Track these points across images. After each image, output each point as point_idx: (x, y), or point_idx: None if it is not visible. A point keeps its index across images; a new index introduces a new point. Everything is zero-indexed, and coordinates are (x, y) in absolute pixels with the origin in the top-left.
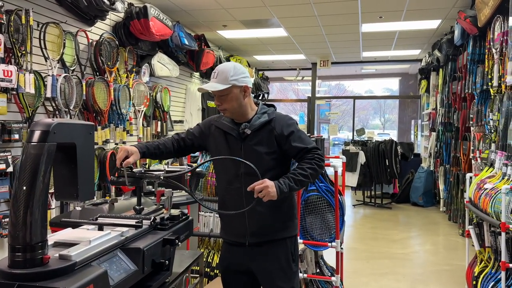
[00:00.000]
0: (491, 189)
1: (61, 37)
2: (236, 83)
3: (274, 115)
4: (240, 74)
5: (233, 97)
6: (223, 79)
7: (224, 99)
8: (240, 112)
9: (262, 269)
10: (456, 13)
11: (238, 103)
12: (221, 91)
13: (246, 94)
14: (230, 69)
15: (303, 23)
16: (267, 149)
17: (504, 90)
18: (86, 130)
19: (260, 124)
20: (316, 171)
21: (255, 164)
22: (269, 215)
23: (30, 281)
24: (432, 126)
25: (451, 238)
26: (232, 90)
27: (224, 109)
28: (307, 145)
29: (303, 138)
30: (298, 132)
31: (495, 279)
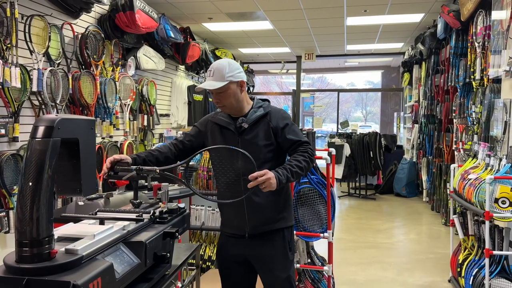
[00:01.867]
0: (475, 179)
1: (46, 30)
2: (233, 79)
3: (270, 109)
4: (235, 70)
5: (231, 93)
6: (219, 77)
7: (222, 96)
8: (238, 107)
9: (260, 258)
10: (439, 7)
11: (236, 99)
12: (219, 88)
13: (242, 88)
14: (225, 66)
15: (289, 16)
16: (265, 141)
17: (486, 83)
18: (88, 126)
19: (256, 117)
20: (309, 164)
21: (253, 156)
22: (268, 207)
23: (39, 275)
24: (414, 118)
25: (434, 227)
26: (230, 87)
27: (223, 106)
28: (300, 138)
29: (297, 132)
30: (292, 126)
31: (479, 266)
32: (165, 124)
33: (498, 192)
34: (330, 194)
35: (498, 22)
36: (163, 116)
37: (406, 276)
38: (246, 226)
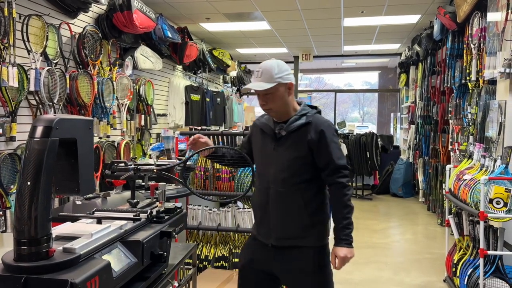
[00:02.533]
0: (470, 180)
1: (44, 29)
2: (282, 80)
3: (313, 119)
4: (284, 71)
5: (278, 95)
6: (268, 78)
7: (269, 98)
8: (283, 111)
9: (284, 273)
10: (435, 8)
11: (283, 102)
12: (266, 90)
13: (290, 91)
14: (274, 66)
15: (286, 16)
16: (298, 153)
17: (482, 84)
18: (86, 125)
19: (296, 126)
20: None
21: (284, 167)
22: (291, 222)
23: (37, 274)
24: (411, 119)
25: (430, 228)
26: (278, 89)
27: (269, 109)
28: (335, 160)
29: (333, 152)
30: (332, 143)
31: (474, 266)
32: (163, 124)
33: (493, 193)
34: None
35: (494, 24)
36: (160, 116)
37: (402, 276)
38: (271, 236)
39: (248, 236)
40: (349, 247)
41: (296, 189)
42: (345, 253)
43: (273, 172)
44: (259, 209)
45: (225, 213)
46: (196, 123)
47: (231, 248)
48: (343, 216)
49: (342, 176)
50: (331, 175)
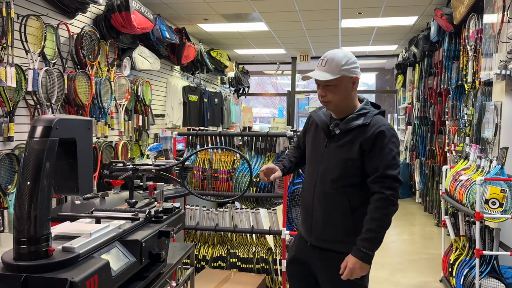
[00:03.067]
0: (466, 180)
1: (42, 29)
2: (347, 73)
3: (371, 120)
4: (352, 64)
5: (341, 89)
6: (333, 68)
7: (330, 90)
8: (343, 107)
9: (320, 274)
10: (432, 10)
11: (344, 96)
12: (329, 81)
13: (354, 86)
14: (342, 57)
15: (284, 18)
16: (349, 154)
17: (478, 85)
18: (85, 126)
19: (352, 126)
20: (382, 220)
21: (334, 167)
22: (332, 225)
23: (37, 272)
24: (408, 120)
25: (427, 228)
26: (342, 81)
27: (328, 102)
28: (384, 167)
29: (386, 157)
30: (386, 148)
31: (470, 266)
32: (160, 124)
33: (489, 193)
34: None
35: (490, 25)
36: (158, 116)
37: (399, 276)
38: (311, 235)
39: (245, 237)
40: (362, 261)
41: (343, 192)
42: (354, 264)
43: (322, 170)
44: (304, 206)
45: (223, 213)
46: (194, 123)
47: (228, 248)
48: (372, 228)
49: (387, 188)
50: (375, 182)
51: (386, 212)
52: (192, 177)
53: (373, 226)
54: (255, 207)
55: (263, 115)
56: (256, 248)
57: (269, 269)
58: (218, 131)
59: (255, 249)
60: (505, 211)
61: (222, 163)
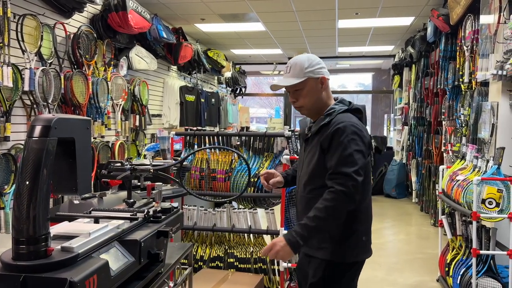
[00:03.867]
0: (463, 180)
1: (39, 29)
2: (312, 75)
3: (333, 118)
4: (316, 65)
5: (309, 91)
6: (297, 72)
7: (299, 95)
8: (316, 109)
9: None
10: (429, 10)
11: (315, 98)
12: (295, 86)
13: (323, 87)
14: (304, 61)
15: (281, 18)
16: (314, 156)
17: (475, 86)
18: (84, 125)
19: (318, 127)
20: (336, 210)
21: (305, 170)
22: None
23: (36, 272)
24: (404, 120)
25: (423, 228)
26: (308, 84)
27: (301, 106)
28: (337, 164)
29: (342, 153)
30: (341, 145)
31: (466, 265)
32: (157, 124)
33: (485, 193)
34: None
35: (486, 26)
36: (155, 116)
37: (396, 275)
38: None
39: (243, 237)
40: (286, 243)
41: (314, 196)
42: (278, 241)
43: (300, 175)
44: (296, 212)
45: (221, 213)
46: (191, 123)
47: (226, 248)
48: (309, 216)
49: (338, 184)
50: (329, 179)
51: (329, 204)
52: (189, 177)
53: (311, 214)
54: (253, 207)
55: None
56: (253, 248)
57: (266, 269)
58: (215, 131)
59: (252, 249)
60: (501, 210)
61: (220, 163)
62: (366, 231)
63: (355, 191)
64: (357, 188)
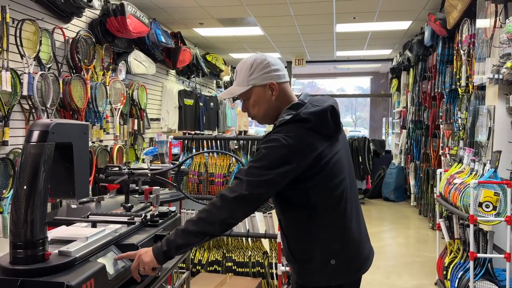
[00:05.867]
0: (460, 183)
1: (37, 34)
2: (257, 81)
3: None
4: (262, 70)
5: (256, 100)
6: (241, 80)
7: (248, 105)
8: (272, 117)
9: None
10: (426, 15)
11: (265, 107)
12: (242, 95)
13: (274, 93)
14: (249, 65)
15: (280, 22)
16: None
17: (472, 89)
18: (81, 130)
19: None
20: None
21: None
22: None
23: (33, 276)
24: (402, 124)
25: (422, 231)
26: (254, 92)
27: (253, 116)
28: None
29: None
30: (260, 152)
31: (464, 269)
32: (156, 128)
33: (482, 196)
34: None
35: (483, 30)
36: (153, 120)
37: (394, 279)
38: None
39: (241, 240)
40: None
41: (277, 214)
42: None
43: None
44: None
45: None
46: (190, 127)
47: (224, 252)
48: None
49: (229, 187)
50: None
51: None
52: (187, 181)
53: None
54: None
55: None
56: (251, 252)
57: (264, 273)
58: (213, 135)
59: (250, 253)
60: (498, 214)
61: (218, 167)
62: (336, 253)
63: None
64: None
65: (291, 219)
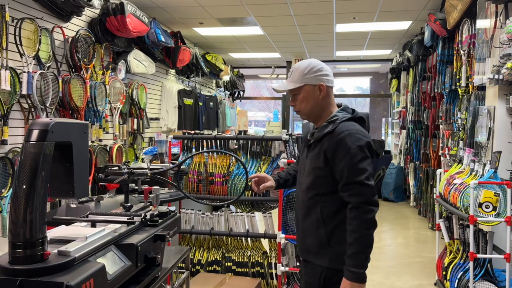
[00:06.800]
0: (460, 184)
1: (37, 33)
2: (310, 81)
3: (336, 126)
4: (316, 72)
5: (306, 97)
6: (296, 78)
7: (297, 99)
8: (316, 115)
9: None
10: (426, 15)
11: (312, 104)
12: (293, 91)
13: (322, 94)
14: (306, 66)
15: (279, 22)
16: (316, 163)
17: (472, 90)
18: (81, 129)
19: (321, 135)
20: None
21: (307, 175)
22: (310, 236)
23: (32, 276)
24: (402, 124)
25: (421, 232)
26: (305, 90)
27: (298, 111)
28: (348, 174)
29: (349, 163)
30: (348, 154)
31: (464, 269)
32: (155, 128)
33: (482, 197)
34: None
35: (483, 31)
36: (153, 120)
37: (393, 279)
38: (298, 245)
39: (240, 241)
40: (353, 281)
41: (316, 202)
42: (345, 286)
43: (301, 180)
44: (296, 218)
45: (218, 217)
46: (189, 127)
47: (223, 252)
48: (351, 242)
49: (354, 195)
50: (342, 191)
51: (359, 221)
52: (187, 180)
53: (351, 239)
54: (251, 210)
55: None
56: (251, 252)
57: (264, 273)
58: (213, 134)
59: (250, 253)
60: (498, 214)
61: (218, 166)
62: None
63: (372, 195)
64: (373, 192)
65: (333, 203)
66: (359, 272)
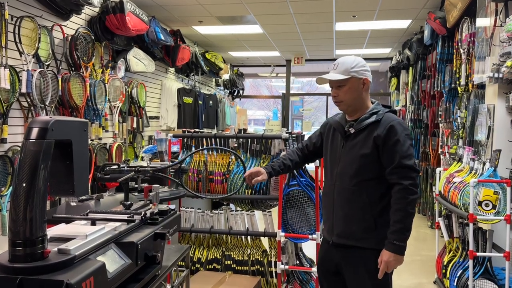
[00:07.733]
0: (459, 182)
1: (36, 31)
2: (356, 74)
3: (383, 116)
4: (361, 67)
5: (351, 89)
6: (343, 70)
7: (341, 90)
8: (356, 106)
9: (346, 273)
10: (426, 13)
11: (354, 96)
12: (339, 81)
13: (365, 87)
14: (352, 61)
15: (279, 20)
16: (363, 150)
17: (471, 88)
18: (81, 127)
19: (365, 125)
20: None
21: (351, 163)
22: (353, 221)
23: (32, 274)
24: None
25: (421, 230)
26: (351, 82)
27: (340, 101)
28: (400, 158)
29: (400, 148)
30: (399, 140)
31: (463, 267)
32: (155, 126)
33: (482, 195)
34: (318, 197)
35: (483, 29)
36: (152, 118)
37: (393, 277)
38: (333, 233)
39: (240, 239)
40: (395, 253)
41: (361, 187)
42: (388, 258)
43: (340, 169)
44: (325, 206)
45: (218, 215)
46: (189, 125)
47: (223, 250)
48: (397, 220)
49: (404, 178)
50: (393, 174)
51: (407, 201)
52: (187, 179)
53: (398, 217)
54: (250, 209)
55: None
56: (251, 250)
57: (264, 271)
58: (213, 133)
59: (250, 251)
60: (498, 212)
61: (217, 165)
62: None
63: (417, 179)
64: (417, 178)
65: (378, 189)
66: (402, 245)
